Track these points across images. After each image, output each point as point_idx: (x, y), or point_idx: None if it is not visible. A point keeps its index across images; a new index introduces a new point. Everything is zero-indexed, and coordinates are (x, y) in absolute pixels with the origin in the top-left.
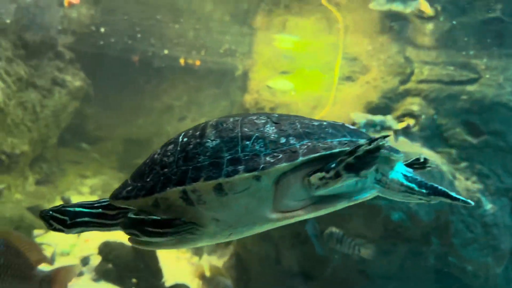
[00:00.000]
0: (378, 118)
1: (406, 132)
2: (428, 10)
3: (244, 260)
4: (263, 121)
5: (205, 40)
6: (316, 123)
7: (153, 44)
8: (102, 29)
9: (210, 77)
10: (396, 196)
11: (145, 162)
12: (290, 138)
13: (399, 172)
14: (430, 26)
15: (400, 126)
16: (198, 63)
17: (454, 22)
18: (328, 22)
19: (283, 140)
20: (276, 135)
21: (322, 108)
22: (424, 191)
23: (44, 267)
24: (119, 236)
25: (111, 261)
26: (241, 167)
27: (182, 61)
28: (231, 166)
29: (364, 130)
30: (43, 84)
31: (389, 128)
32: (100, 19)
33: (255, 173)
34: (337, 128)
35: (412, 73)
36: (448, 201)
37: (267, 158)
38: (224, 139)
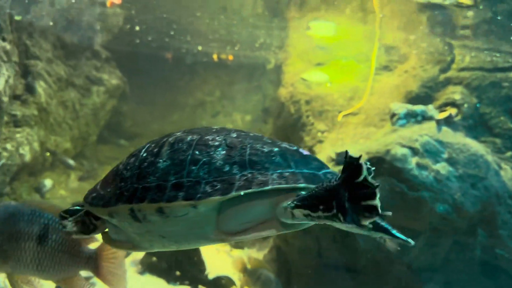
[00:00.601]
0: (419, 108)
1: (448, 121)
2: (467, 0)
3: (284, 253)
4: (217, 143)
5: (237, 34)
6: (266, 149)
7: (188, 41)
8: (137, 28)
9: (241, 72)
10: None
11: (113, 169)
12: (234, 166)
13: None
14: (470, 13)
15: (442, 115)
16: (231, 58)
17: (494, 10)
18: (364, 12)
19: (226, 168)
20: (222, 162)
21: (358, 99)
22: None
23: None
24: None
25: (155, 254)
26: (180, 194)
27: (215, 56)
28: (173, 191)
29: (404, 121)
30: (81, 83)
31: (430, 118)
32: (136, 18)
33: (191, 202)
34: (286, 157)
35: (452, 61)
36: (389, 237)
37: (206, 188)
38: (174, 161)
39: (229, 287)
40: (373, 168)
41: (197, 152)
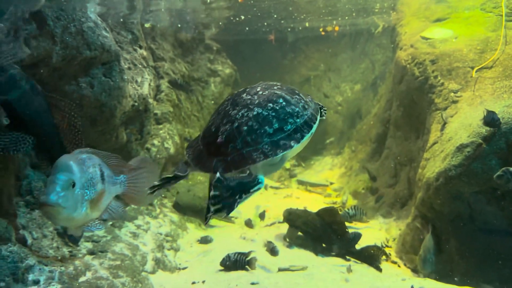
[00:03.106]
0: None
1: None
2: None
3: (431, 221)
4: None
5: (350, 3)
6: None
7: (301, 19)
8: (242, 17)
9: (343, 41)
10: None
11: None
12: None
13: None
14: None
15: None
16: (337, 28)
17: None
18: None
19: None
20: None
21: (491, 51)
22: None
23: None
24: (293, 204)
25: (299, 228)
26: None
27: (321, 30)
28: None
29: None
30: (200, 76)
31: None
32: (254, 7)
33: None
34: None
35: None
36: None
37: None
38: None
39: (379, 256)
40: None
41: None
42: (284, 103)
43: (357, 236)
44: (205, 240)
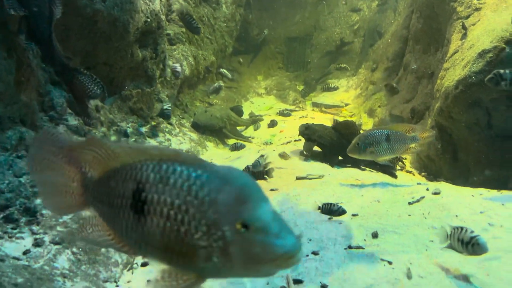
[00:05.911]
0: None
1: None
2: None
3: (448, 130)
4: None
5: None
6: None
7: None
8: None
9: None
10: None
11: None
12: None
13: None
14: None
15: None
16: None
17: None
18: None
19: None
20: None
21: None
22: None
23: None
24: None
25: (315, 141)
26: None
27: None
28: None
29: None
30: None
31: None
32: None
33: None
34: None
35: None
36: None
37: None
38: None
39: (395, 164)
40: None
41: None
42: None
43: None
44: (227, 152)
